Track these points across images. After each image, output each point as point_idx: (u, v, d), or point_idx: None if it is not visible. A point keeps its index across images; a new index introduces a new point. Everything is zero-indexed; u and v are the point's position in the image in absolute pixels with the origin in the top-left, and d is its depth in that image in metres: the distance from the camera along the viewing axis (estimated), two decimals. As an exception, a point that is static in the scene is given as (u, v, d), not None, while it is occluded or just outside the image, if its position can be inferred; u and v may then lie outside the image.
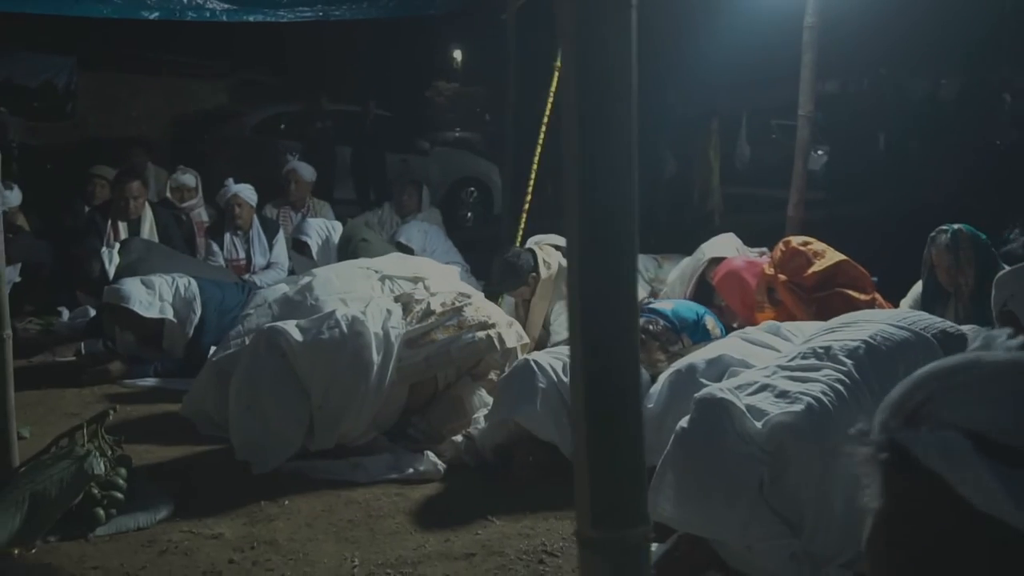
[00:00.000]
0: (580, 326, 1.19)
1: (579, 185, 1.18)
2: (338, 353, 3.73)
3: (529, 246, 5.49)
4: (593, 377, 1.17)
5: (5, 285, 3.54)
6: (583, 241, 1.20)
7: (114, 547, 3.06)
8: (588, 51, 1.16)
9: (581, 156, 1.17)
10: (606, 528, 1.16)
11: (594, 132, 1.17)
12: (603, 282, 1.19)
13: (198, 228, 7.63)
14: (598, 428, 1.16)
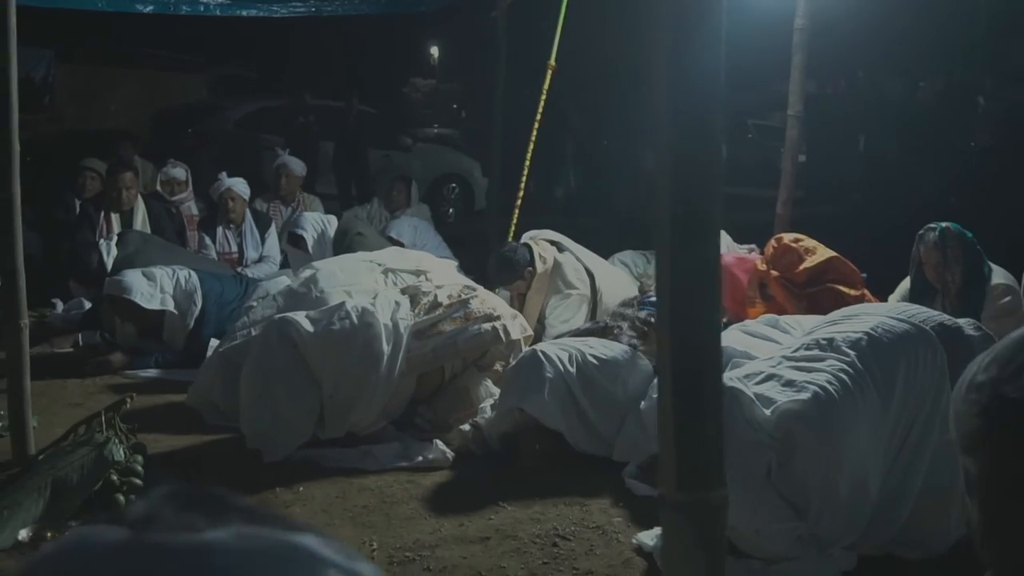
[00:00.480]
0: (669, 304, 1.28)
1: (670, 172, 1.28)
2: (349, 344, 3.81)
3: (525, 241, 5.57)
4: (679, 349, 1.27)
5: (20, 270, 3.58)
6: (674, 217, 1.29)
7: (135, 532, 3.12)
8: (681, 56, 1.25)
9: (673, 148, 1.27)
10: (691, 491, 1.26)
11: (686, 131, 1.27)
12: (689, 261, 1.29)
13: (188, 221, 7.66)
14: (683, 398, 1.26)
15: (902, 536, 2.99)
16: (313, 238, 6.20)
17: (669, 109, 1.26)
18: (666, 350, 1.27)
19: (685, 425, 1.26)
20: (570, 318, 5.17)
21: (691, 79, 1.25)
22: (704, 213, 1.28)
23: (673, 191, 1.29)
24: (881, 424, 3.00)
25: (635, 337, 3.97)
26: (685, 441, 1.27)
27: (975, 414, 0.88)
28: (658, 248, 1.37)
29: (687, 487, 1.27)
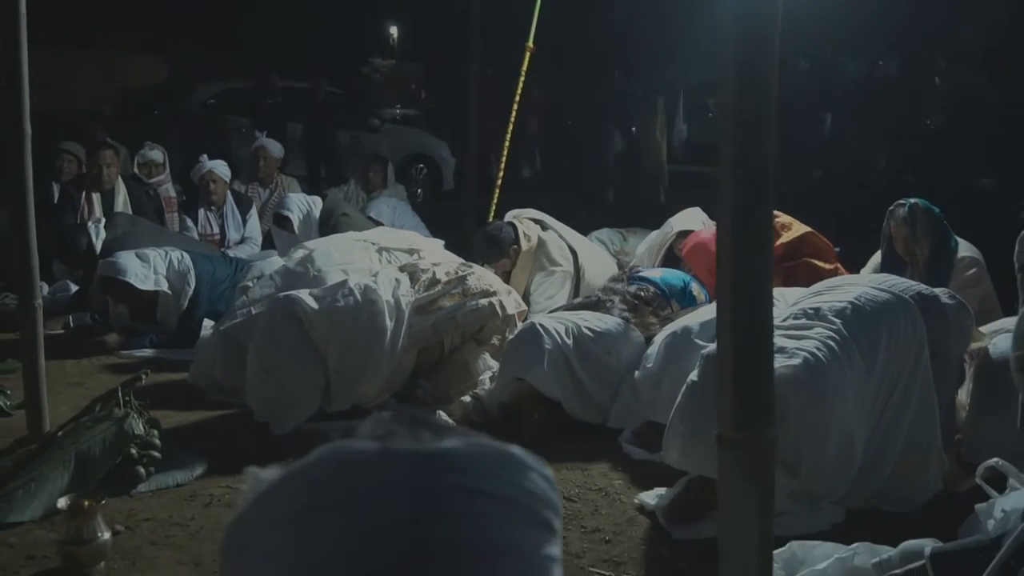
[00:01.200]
0: (730, 257, 1.45)
1: (733, 143, 1.44)
2: (353, 320, 3.94)
3: (509, 220, 5.72)
4: (738, 297, 1.44)
5: (33, 253, 3.67)
6: (736, 187, 1.46)
7: (159, 502, 3.24)
8: (744, 42, 1.42)
9: (737, 121, 1.43)
10: (746, 430, 1.43)
11: (747, 102, 1.43)
12: (747, 219, 1.46)
13: (167, 203, 7.68)
14: (739, 349, 1.43)
15: (885, 491, 3.21)
16: (299, 219, 6.29)
17: (734, 99, 1.42)
18: (725, 307, 1.44)
19: (741, 372, 1.43)
20: (554, 294, 5.34)
21: (751, 72, 1.42)
22: (761, 184, 1.45)
23: (734, 167, 1.45)
24: (865, 387, 3.21)
25: (626, 310, 4.15)
26: (741, 387, 1.45)
27: None
28: (720, 215, 1.54)
29: (743, 427, 1.45)
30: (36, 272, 3.68)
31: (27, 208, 3.61)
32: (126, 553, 2.86)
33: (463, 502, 0.69)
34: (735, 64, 1.46)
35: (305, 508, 0.70)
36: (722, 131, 1.49)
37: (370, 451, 0.71)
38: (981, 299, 4.59)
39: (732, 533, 1.47)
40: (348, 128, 13.74)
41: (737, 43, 1.48)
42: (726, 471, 1.50)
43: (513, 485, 0.72)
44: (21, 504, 3.08)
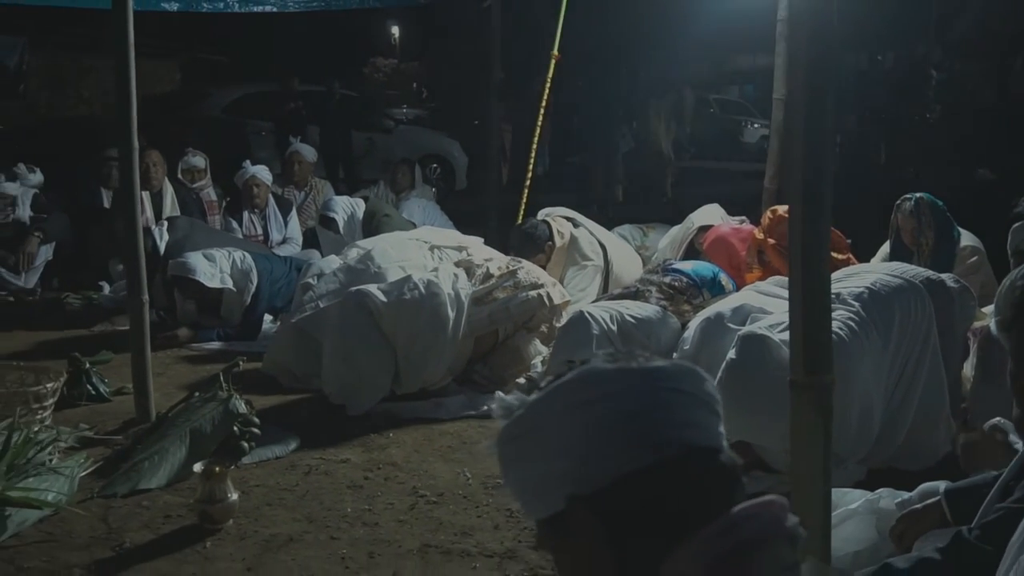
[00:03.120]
0: (800, 241, 1.90)
1: (803, 131, 1.90)
2: (419, 311, 4.39)
3: (542, 218, 6.16)
4: (807, 270, 1.89)
5: (141, 254, 4.10)
6: (805, 183, 1.91)
7: (264, 471, 3.69)
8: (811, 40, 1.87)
9: (805, 114, 1.89)
10: (812, 374, 1.88)
11: (813, 97, 1.88)
12: (812, 202, 1.92)
13: (208, 207, 8.12)
14: (808, 309, 1.88)
15: (901, 452, 3.66)
16: (343, 220, 6.73)
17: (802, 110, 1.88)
18: (797, 279, 1.89)
19: (809, 329, 1.88)
20: (586, 287, 5.78)
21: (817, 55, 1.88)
22: (822, 180, 1.91)
23: (803, 163, 1.90)
24: (882, 362, 3.66)
25: (663, 299, 4.59)
26: (809, 341, 1.90)
27: (1012, 305, 1.52)
28: (791, 200, 1.99)
29: (810, 372, 1.90)
30: (143, 270, 4.12)
31: (135, 212, 4.04)
32: (248, 512, 3.31)
33: (671, 397, 1.15)
34: (804, 87, 1.90)
35: (576, 403, 1.16)
36: (794, 133, 1.94)
37: (611, 367, 1.17)
38: (982, 284, 5.03)
39: (802, 454, 1.92)
40: (363, 130, 14.18)
41: (806, 68, 1.92)
42: (797, 407, 1.96)
43: (699, 387, 1.17)
44: (148, 473, 3.53)
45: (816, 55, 1.92)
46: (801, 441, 1.98)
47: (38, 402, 3.65)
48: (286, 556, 3.02)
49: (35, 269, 7.15)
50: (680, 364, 1.22)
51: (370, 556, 3.03)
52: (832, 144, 2.01)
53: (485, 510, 3.37)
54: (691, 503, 1.11)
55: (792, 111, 1.95)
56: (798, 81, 1.93)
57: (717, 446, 1.16)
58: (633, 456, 1.11)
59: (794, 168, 1.97)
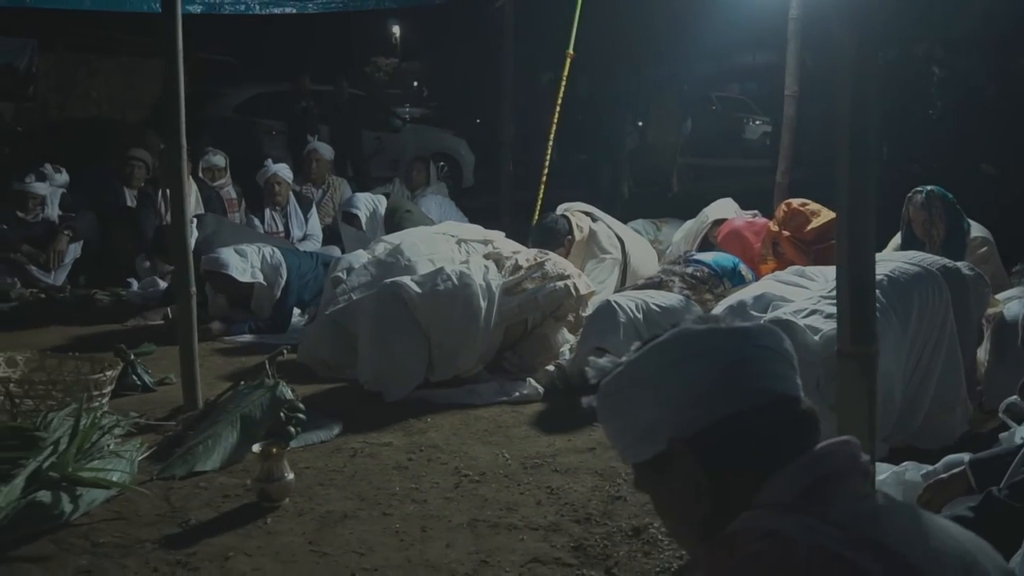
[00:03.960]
0: (847, 225, 2.07)
1: (849, 127, 2.07)
2: (452, 301, 4.56)
3: (562, 212, 6.34)
4: (852, 249, 2.06)
5: (189, 250, 4.27)
6: (853, 137, 2.08)
7: (312, 454, 3.86)
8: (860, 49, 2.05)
9: (852, 109, 2.06)
10: (858, 345, 2.06)
11: (858, 95, 2.06)
12: (858, 197, 2.09)
13: (228, 204, 8.30)
14: (854, 283, 2.06)
15: (920, 431, 3.83)
16: (366, 216, 6.91)
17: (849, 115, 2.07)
18: (843, 257, 2.07)
19: (855, 303, 2.06)
20: (605, 279, 5.96)
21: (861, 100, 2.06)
22: (868, 162, 2.09)
23: (850, 161, 2.08)
24: (902, 346, 3.83)
25: (686, 288, 4.77)
26: (855, 314, 2.08)
27: None
28: (837, 187, 2.16)
29: (856, 343, 2.08)
30: (191, 265, 4.28)
31: (184, 210, 4.20)
32: (302, 491, 3.48)
33: (758, 352, 1.33)
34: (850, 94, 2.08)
35: (675, 359, 1.34)
36: (838, 131, 2.13)
37: (702, 328, 1.36)
38: (992, 274, 5.21)
39: (849, 419, 2.10)
40: (372, 129, 14.34)
41: (853, 76, 2.10)
42: (845, 375, 2.14)
43: (779, 344, 1.35)
44: (203, 457, 3.70)
45: (862, 39, 2.10)
46: (848, 407, 2.16)
47: (97, 389, 3.82)
48: (343, 531, 3.19)
49: (64, 266, 7.32)
50: (761, 325, 1.41)
51: (423, 530, 3.20)
52: (874, 129, 2.19)
53: (526, 488, 3.55)
54: (778, 442, 1.29)
55: (839, 93, 2.13)
56: (845, 60, 2.11)
57: (797, 395, 1.35)
58: (727, 402, 1.29)
59: (840, 161, 2.15)
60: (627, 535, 3.16)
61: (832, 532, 1.18)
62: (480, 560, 2.99)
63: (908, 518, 1.28)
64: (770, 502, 1.25)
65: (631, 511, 3.34)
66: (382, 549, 3.06)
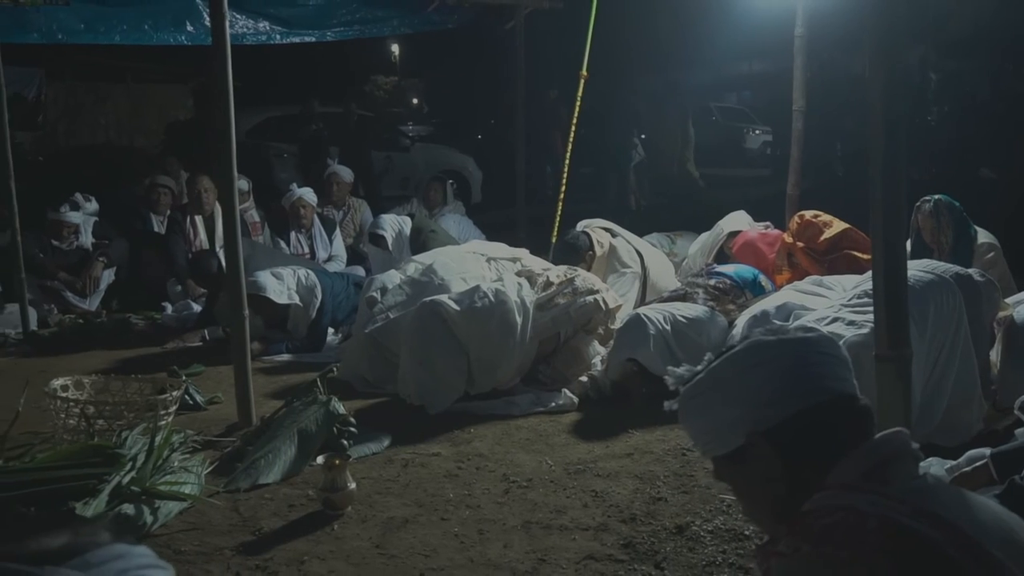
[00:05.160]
0: (882, 217, 2.31)
1: (884, 136, 2.30)
2: (489, 318, 4.79)
3: (582, 228, 6.58)
4: (888, 248, 2.30)
5: (242, 275, 4.50)
6: (885, 158, 2.32)
7: (365, 465, 4.09)
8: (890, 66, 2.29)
9: (884, 127, 2.30)
10: (893, 348, 2.29)
11: (889, 112, 2.30)
12: (890, 202, 2.32)
13: (252, 228, 8.53)
14: (888, 289, 2.29)
15: (938, 429, 4.06)
16: (392, 237, 7.14)
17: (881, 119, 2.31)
18: (879, 264, 2.31)
19: (891, 310, 2.30)
20: (626, 292, 6.19)
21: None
22: (899, 187, 2.32)
23: (882, 176, 2.32)
24: (919, 350, 4.05)
25: (709, 300, 5.01)
26: (890, 319, 2.31)
27: None
28: (872, 197, 2.39)
29: (892, 346, 2.32)
30: (243, 286, 4.51)
31: (236, 238, 4.44)
32: (362, 500, 3.71)
33: (821, 358, 1.56)
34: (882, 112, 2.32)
35: (751, 365, 1.58)
36: (871, 147, 2.37)
37: (773, 339, 1.59)
38: (999, 278, 5.44)
39: (886, 417, 2.32)
40: (381, 148, 14.59)
41: (882, 89, 2.35)
42: (883, 375, 2.37)
43: (837, 351, 1.59)
44: (265, 470, 3.92)
45: (892, 44, 2.34)
46: (885, 406, 2.39)
47: (164, 409, 4.05)
48: (406, 535, 3.41)
49: (98, 292, 7.56)
50: (822, 334, 1.65)
51: (480, 532, 3.43)
52: (903, 139, 2.43)
53: (572, 492, 3.77)
54: (842, 433, 1.53)
55: (872, 96, 2.36)
56: (879, 65, 2.34)
57: (855, 393, 1.59)
58: (797, 401, 1.54)
59: (873, 177, 2.38)
60: (671, 533, 3.39)
61: (895, 505, 1.41)
62: (538, 559, 3.22)
63: (955, 495, 1.52)
64: (838, 483, 1.49)
65: (673, 511, 3.57)
66: (444, 551, 3.29)
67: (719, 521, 3.46)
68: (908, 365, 2.41)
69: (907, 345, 2.40)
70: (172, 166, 10.25)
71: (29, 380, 4.62)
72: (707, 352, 4.15)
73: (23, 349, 6.50)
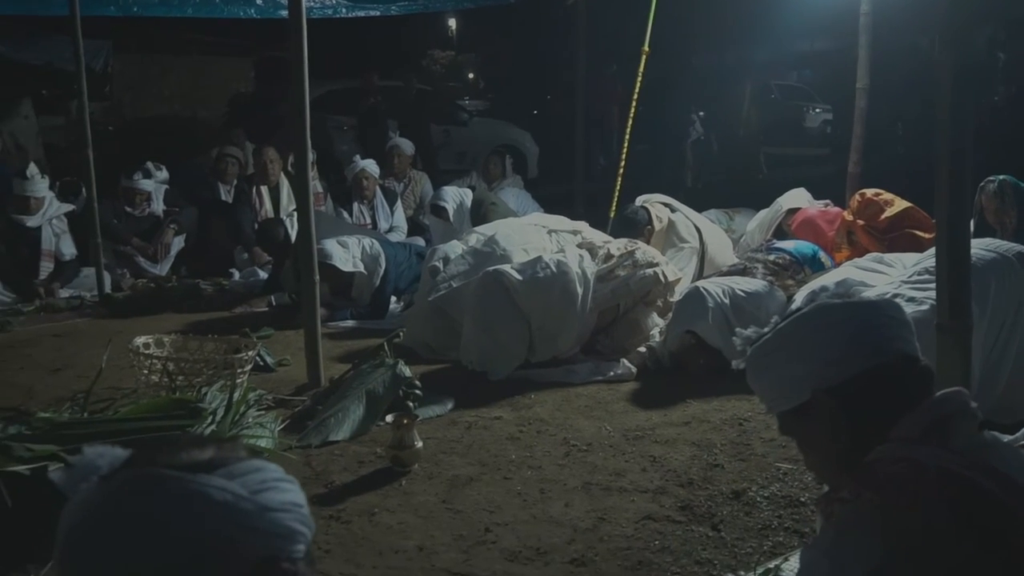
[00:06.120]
0: (947, 190, 2.38)
1: (951, 116, 2.37)
2: (551, 288, 4.91)
3: (641, 204, 6.65)
4: (952, 222, 2.36)
5: (313, 243, 4.66)
6: (952, 138, 2.38)
7: (431, 427, 4.23)
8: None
9: (952, 101, 2.36)
10: (954, 319, 2.37)
11: (957, 93, 2.36)
12: (955, 181, 2.39)
13: (315, 199, 8.66)
14: (952, 262, 2.36)
15: (997, 407, 4.09)
16: (453, 208, 7.28)
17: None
18: (943, 239, 2.38)
19: (953, 281, 2.37)
20: (684, 267, 6.25)
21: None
22: (964, 161, 2.39)
23: (949, 155, 2.38)
24: (979, 328, 4.07)
25: (768, 274, 5.07)
26: (952, 290, 2.39)
27: None
28: (938, 173, 2.46)
29: (953, 317, 2.39)
30: (315, 253, 4.68)
31: (309, 208, 4.60)
32: (428, 458, 3.85)
33: (885, 320, 1.65)
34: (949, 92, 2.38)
35: (818, 326, 1.67)
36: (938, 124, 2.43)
37: (839, 303, 1.69)
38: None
39: (946, 386, 2.40)
40: (440, 122, 14.72)
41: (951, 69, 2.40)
42: (943, 346, 2.45)
43: (901, 315, 1.68)
44: (335, 428, 4.09)
45: (962, 24, 2.40)
46: (945, 377, 2.46)
47: (240, 367, 4.23)
48: (471, 492, 3.56)
49: (169, 258, 7.82)
50: (886, 299, 1.74)
51: (541, 492, 3.55)
52: (971, 118, 2.49)
53: (631, 456, 3.88)
54: (903, 391, 1.62)
55: (941, 76, 2.42)
56: (949, 46, 2.40)
57: (916, 355, 1.67)
58: (860, 360, 1.63)
59: (940, 152, 2.44)
60: (728, 497, 3.49)
61: (953, 458, 1.50)
62: (598, 517, 3.34)
63: (1011, 451, 1.60)
64: (901, 436, 1.58)
65: (730, 477, 3.66)
66: (508, 507, 3.42)
67: (775, 488, 3.55)
68: (968, 336, 2.47)
69: (968, 315, 2.46)
70: (238, 137, 10.47)
71: (111, 339, 4.85)
72: (765, 326, 4.24)
73: (99, 311, 6.77)
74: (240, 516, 1.03)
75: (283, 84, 16.20)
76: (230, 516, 1.02)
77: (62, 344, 5.94)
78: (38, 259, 7.09)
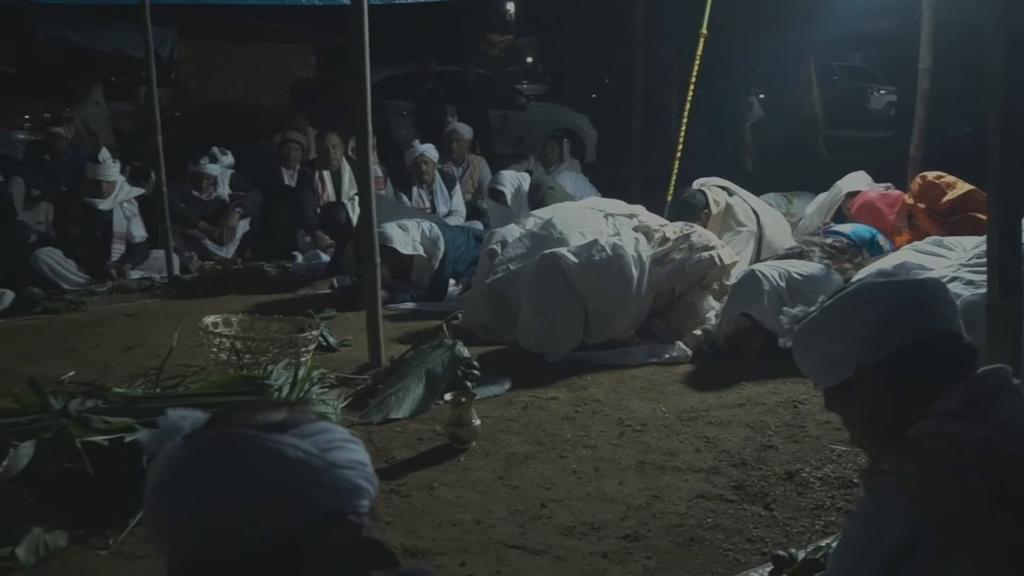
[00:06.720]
0: (999, 173, 2.40)
1: (1003, 96, 2.39)
2: (607, 271, 4.97)
3: (699, 187, 6.65)
4: (1004, 202, 2.39)
5: (374, 226, 4.78)
6: (1005, 118, 2.40)
7: (488, 406, 4.33)
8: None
9: (1004, 86, 2.38)
10: (1005, 298, 2.39)
11: (1009, 74, 2.37)
12: (1009, 162, 2.40)
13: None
14: (1004, 243, 2.38)
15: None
16: (511, 192, 7.37)
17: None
18: (994, 212, 2.40)
19: (1003, 260, 2.40)
20: (741, 251, 6.25)
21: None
22: (1017, 143, 2.40)
23: (1001, 135, 2.40)
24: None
25: (826, 258, 5.07)
26: (1003, 271, 2.41)
27: None
28: (991, 155, 2.48)
29: (1004, 296, 2.42)
30: (376, 237, 4.80)
31: (369, 184, 4.71)
32: (485, 436, 3.95)
33: (928, 298, 1.70)
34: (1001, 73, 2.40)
35: (862, 303, 1.72)
36: (991, 105, 2.44)
37: (883, 281, 1.74)
38: None
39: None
40: (497, 107, 14.79)
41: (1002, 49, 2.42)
42: (995, 326, 2.47)
43: (944, 293, 1.73)
44: (395, 406, 4.21)
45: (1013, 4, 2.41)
46: (995, 356, 2.49)
47: (304, 347, 4.37)
48: (527, 469, 3.65)
49: (234, 241, 8.03)
50: (930, 278, 1.78)
51: (596, 470, 3.63)
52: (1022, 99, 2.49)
53: (685, 437, 3.94)
54: (946, 367, 1.67)
55: (993, 56, 2.43)
56: (1000, 26, 2.42)
57: (960, 332, 1.71)
58: (903, 336, 1.68)
59: (992, 133, 2.45)
60: (781, 478, 3.53)
61: (993, 432, 1.55)
62: (651, 495, 3.40)
63: None
64: (942, 411, 1.62)
65: (783, 458, 3.70)
66: (563, 485, 3.51)
67: (828, 469, 3.58)
68: (1019, 315, 2.49)
69: (1019, 295, 2.48)
70: (301, 123, 10.65)
71: (180, 319, 5.03)
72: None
73: (168, 292, 7.00)
74: (311, 472, 1.13)
75: (344, 70, 16.52)
76: (302, 472, 1.13)
77: (134, 323, 6.17)
78: (110, 241, 7.34)
